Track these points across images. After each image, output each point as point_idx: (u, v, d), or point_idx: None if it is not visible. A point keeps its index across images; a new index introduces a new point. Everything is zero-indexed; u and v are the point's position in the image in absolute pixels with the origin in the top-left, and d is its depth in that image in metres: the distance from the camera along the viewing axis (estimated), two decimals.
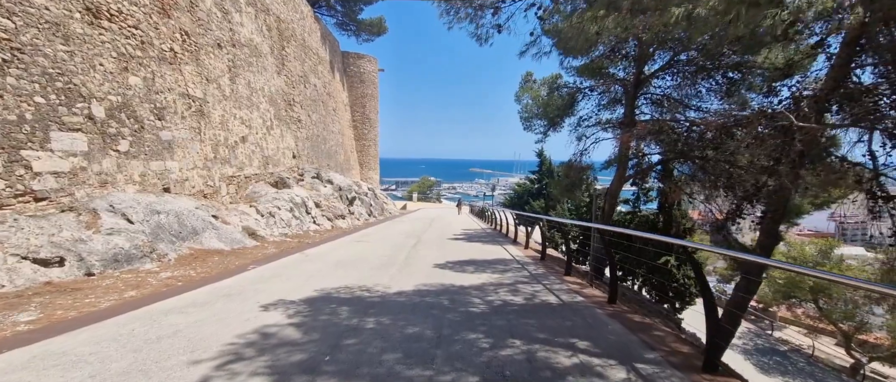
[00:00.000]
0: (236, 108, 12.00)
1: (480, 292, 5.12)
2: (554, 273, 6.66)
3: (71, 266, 4.92)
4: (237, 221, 9.64)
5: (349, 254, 7.92)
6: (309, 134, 19.46)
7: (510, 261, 7.90)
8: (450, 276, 6.12)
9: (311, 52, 21.25)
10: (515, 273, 6.56)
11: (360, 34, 33.26)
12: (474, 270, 6.77)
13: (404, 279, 5.80)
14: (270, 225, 10.95)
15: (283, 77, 16.58)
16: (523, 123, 15.12)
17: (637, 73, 12.50)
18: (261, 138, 13.66)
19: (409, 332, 3.44)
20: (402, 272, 6.27)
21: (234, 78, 11.98)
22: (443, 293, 4.96)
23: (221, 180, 10.66)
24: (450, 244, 10.57)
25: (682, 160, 12.99)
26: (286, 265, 6.39)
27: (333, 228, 14.32)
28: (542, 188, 30.02)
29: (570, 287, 5.47)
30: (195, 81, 9.77)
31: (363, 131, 32.23)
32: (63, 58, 6.09)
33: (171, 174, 8.45)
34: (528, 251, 9.77)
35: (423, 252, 8.68)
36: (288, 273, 5.79)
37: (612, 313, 4.21)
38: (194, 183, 9.31)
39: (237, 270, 6.01)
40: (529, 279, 6.04)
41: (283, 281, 5.26)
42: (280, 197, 12.46)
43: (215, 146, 10.47)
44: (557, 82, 14.20)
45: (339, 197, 16.85)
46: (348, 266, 6.56)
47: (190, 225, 7.75)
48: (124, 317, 3.53)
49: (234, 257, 7.35)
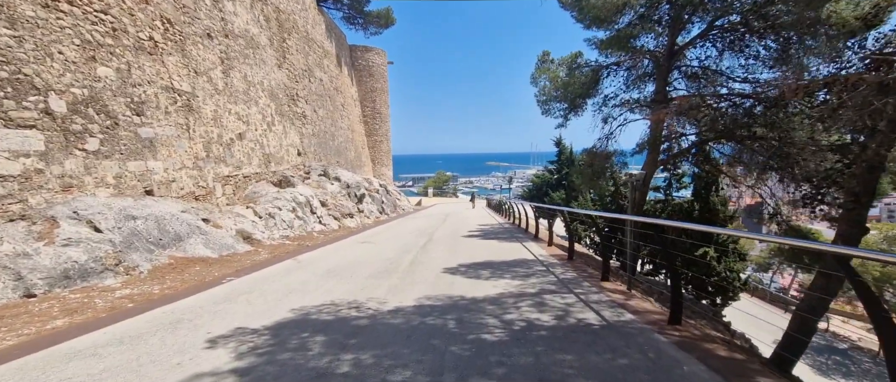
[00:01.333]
0: (231, 103, 11.23)
1: (497, 307, 4.06)
2: (587, 278, 5.53)
3: (3, 287, 4.12)
4: (231, 224, 8.85)
5: (347, 258, 6.98)
6: (315, 130, 18.69)
7: (532, 262, 6.80)
8: (460, 285, 5.08)
9: (316, 45, 20.44)
10: (540, 278, 5.46)
11: (367, 27, 32.33)
12: (490, 275, 5.72)
13: (405, 290, 4.80)
14: (270, 227, 10.15)
15: (284, 71, 15.79)
16: (540, 106, 13.86)
17: (670, 42, 11.08)
18: (261, 135, 12.89)
19: (392, 381, 2.42)
20: (404, 281, 5.27)
21: (227, 71, 11.20)
22: (450, 311, 3.93)
23: (216, 180, 9.91)
24: (463, 242, 9.53)
25: (724, 140, 11.54)
26: (268, 277, 5.48)
27: (341, 228, 13.49)
28: (562, 178, 28.54)
29: (611, 298, 4.34)
30: (181, 74, 8.99)
31: (374, 127, 31.41)
32: (8, 44, 5.30)
33: (154, 175, 7.69)
34: (552, 248, 8.63)
35: (433, 254, 7.68)
36: (266, 287, 4.87)
37: (679, 341, 3.08)
38: (183, 184, 8.55)
39: (211, 283, 5.14)
40: (558, 287, 4.93)
41: (255, 299, 4.33)
42: (281, 197, 11.66)
43: (207, 144, 9.71)
44: (578, 61, 12.87)
45: (348, 195, 16.02)
46: (342, 275, 5.61)
47: (173, 231, 6.96)
48: (6, 368, 2.63)
49: (219, 265, 6.52)
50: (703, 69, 11.22)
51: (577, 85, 11.54)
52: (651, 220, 4.45)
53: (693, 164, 14.18)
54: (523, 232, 12.30)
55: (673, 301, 3.51)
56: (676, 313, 3.46)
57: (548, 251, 8.22)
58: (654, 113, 10.71)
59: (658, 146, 11.83)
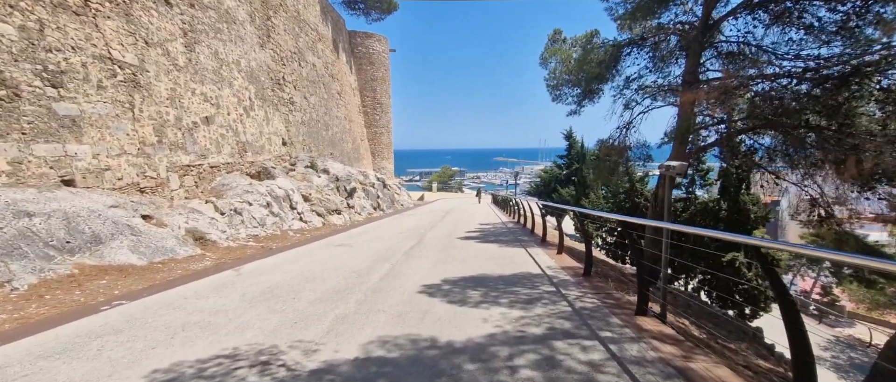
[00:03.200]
0: (196, 82, 9.83)
1: (482, 366, 2.60)
2: (614, 307, 4.02)
3: None
4: (180, 222, 7.47)
5: (305, 269, 5.54)
6: (305, 118, 17.28)
7: (538, 278, 5.30)
8: (437, 316, 3.62)
9: (309, 27, 18.97)
10: (548, 307, 3.97)
11: (369, 13, 30.80)
12: (481, 299, 4.24)
13: (356, 326, 3.35)
14: (234, 225, 8.77)
15: (268, 51, 14.36)
16: (550, 92, 12.27)
17: (705, 13, 9.41)
18: (235, 120, 11.50)
19: None
20: (360, 309, 3.82)
21: (192, 45, 9.79)
22: (408, 373, 2.48)
23: (171, 170, 8.54)
24: (457, 246, 8.06)
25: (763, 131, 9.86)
26: (173, 300, 4.04)
27: (325, 225, 12.10)
28: (572, 174, 26.87)
29: (659, 354, 2.83)
30: (125, 43, 7.59)
31: (374, 117, 29.95)
32: None
33: (77, 161, 6.32)
34: (562, 256, 7.11)
35: (416, 263, 6.22)
36: (156, 320, 3.45)
37: None
38: (122, 174, 7.18)
39: (91, 309, 3.74)
40: (575, 325, 3.45)
41: (118, 346, 2.90)
42: (254, 190, 10.28)
43: (160, 127, 8.33)
44: (593, 41, 11.22)
45: (336, 189, 14.62)
46: (279, 297, 4.17)
47: (90, 231, 5.59)
48: None
49: (140, 276, 5.13)
50: (745, 45, 9.54)
51: (594, 64, 9.92)
52: (719, 234, 2.95)
53: (721, 157, 12.48)
54: (529, 234, 10.78)
55: (798, 371, 1.96)
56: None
57: (557, 260, 6.71)
58: (684, 95, 9.07)
59: (686, 137, 10.20)
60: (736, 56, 9.92)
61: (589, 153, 25.06)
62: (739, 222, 13.52)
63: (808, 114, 8.49)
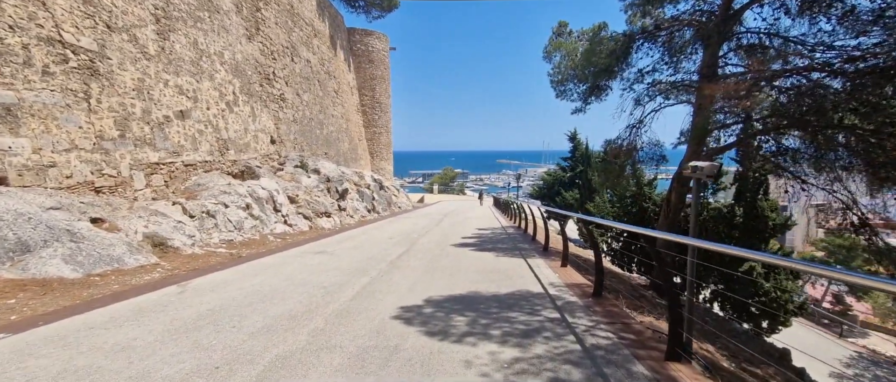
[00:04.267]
0: (170, 73, 9.05)
1: None
2: (636, 346, 3.16)
3: None
4: (139, 226, 6.67)
5: (258, 288, 4.70)
6: (297, 116, 16.50)
7: (540, 299, 4.45)
8: (407, 357, 2.78)
9: (303, 21, 18.23)
10: (552, 342, 3.13)
11: (369, 10, 30.08)
12: (467, 329, 3.40)
13: (296, 376, 2.51)
14: (205, 229, 7.96)
15: (257, 44, 13.60)
16: (554, 88, 11.44)
17: (726, 2, 8.55)
18: (216, 116, 10.72)
19: None
20: (313, 344, 2.98)
21: (165, 33, 9.02)
22: None
23: (136, 167, 7.75)
24: (450, 255, 7.21)
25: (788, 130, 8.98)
26: (63, 335, 3.12)
27: (312, 229, 11.29)
28: (577, 177, 25.97)
29: None
30: (81, 26, 6.81)
31: (373, 117, 29.17)
32: None
33: (11, 156, 5.53)
34: (566, 270, 6.25)
35: (399, 275, 5.38)
36: (10, 370, 2.63)
37: None
38: (71, 171, 6.39)
39: None
40: (587, 371, 2.60)
41: None
42: (233, 191, 9.48)
43: (123, 120, 7.54)
44: (601, 34, 10.38)
45: (327, 190, 13.81)
46: (217, 324, 3.34)
47: (15, 238, 4.78)
48: None
49: (66, 292, 4.31)
50: (769, 36, 8.67)
51: (604, 55, 9.08)
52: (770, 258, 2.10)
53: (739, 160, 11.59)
54: (530, 241, 9.92)
55: None
56: None
57: (561, 274, 5.85)
58: (707, 88, 8.21)
59: (703, 136, 9.33)
60: (758, 48, 9.06)
61: (594, 156, 24.18)
62: (756, 230, 12.59)
63: (840, 112, 7.62)
